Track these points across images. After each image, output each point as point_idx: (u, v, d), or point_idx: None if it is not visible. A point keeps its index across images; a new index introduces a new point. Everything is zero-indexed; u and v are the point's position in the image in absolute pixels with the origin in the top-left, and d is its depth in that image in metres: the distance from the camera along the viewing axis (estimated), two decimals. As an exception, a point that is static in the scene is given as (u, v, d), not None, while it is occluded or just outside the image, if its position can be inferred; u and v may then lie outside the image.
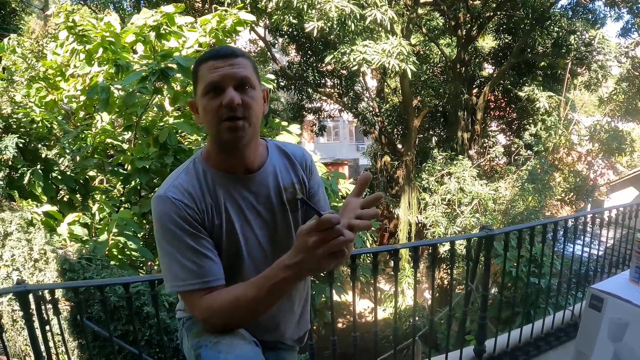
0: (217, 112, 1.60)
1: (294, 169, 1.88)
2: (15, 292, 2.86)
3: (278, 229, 1.81)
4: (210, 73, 1.61)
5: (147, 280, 2.98)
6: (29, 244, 6.05)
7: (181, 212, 1.61)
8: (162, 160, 6.77)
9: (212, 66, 1.62)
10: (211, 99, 1.61)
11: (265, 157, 1.83)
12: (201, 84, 1.64)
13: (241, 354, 1.52)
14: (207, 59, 1.65)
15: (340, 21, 11.38)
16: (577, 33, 16.13)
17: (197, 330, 1.69)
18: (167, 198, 1.63)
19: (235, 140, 1.64)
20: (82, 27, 7.19)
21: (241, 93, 1.62)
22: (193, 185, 1.68)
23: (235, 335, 1.62)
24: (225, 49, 1.67)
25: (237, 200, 1.74)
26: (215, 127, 1.63)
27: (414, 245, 3.67)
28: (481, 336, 4.02)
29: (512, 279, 6.96)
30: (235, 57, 1.65)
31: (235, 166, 1.74)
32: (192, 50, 7.56)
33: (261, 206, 1.78)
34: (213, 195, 1.70)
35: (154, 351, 5.73)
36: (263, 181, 1.79)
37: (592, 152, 15.96)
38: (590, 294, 2.35)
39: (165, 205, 1.63)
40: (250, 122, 1.65)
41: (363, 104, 19.87)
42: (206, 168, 1.74)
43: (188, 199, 1.64)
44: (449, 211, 14.30)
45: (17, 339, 6.36)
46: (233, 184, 1.74)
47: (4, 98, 7.15)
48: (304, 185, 1.90)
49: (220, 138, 1.65)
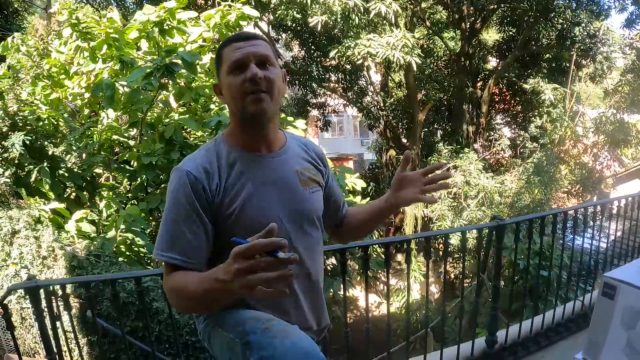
0: (241, 87, 1.66)
1: (310, 157, 1.95)
2: (26, 288, 2.86)
3: (295, 206, 1.82)
4: (233, 53, 1.69)
5: (159, 274, 2.96)
6: (37, 242, 6.06)
7: (191, 186, 1.65)
8: (168, 156, 6.78)
9: (234, 47, 1.70)
10: (235, 76, 1.68)
11: (284, 141, 1.89)
12: (225, 64, 1.71)
13: (295, 339, 1.51)
14: (230, 42, 1.74)
15: (344, 15, 11.36)
16: (581, 25, 16.01)
17: (233, 321, 1.68)
18: (182, 170, 1.68)
19: (260, 112, 1.69)
20: (86, 25, 7.19)
21: (263, 69, 1.68)
22: (210, 162, 1.72)
23: (281, 321, 1.63)
24: (246, 33, 1.77)
25: (257, 177, 1.76)
26: (240, 101, 1.69)
27: (426, 235, 3.65)
28: (493, 327, 4.01)
29: (520, 271, 6.95)
30: (256, 39, 1.73)
31: (257, 145, 1.79)
32: (196, 46, 7.55)
33: (280, 184, 1.80)
34: (231, 172, 1.73)
35: (163, 347, 5.74)
36: (283, 161, 1.83)
37: (597, 144, 15.91)
38: (603, 282, 2.32)
39: (178, 177, 1.68)
40: (272, 96, 1.70)
41: (367, 98, 19.83)
42: (228, 147, 1.78)
43: (201, 174, 1.67)
44: (455, 204, 14.25)
45: (26, 336, 6.38)
46: (253, 162, 1.78)
47: (10, 96, 7.16)
48: (320, 174, 1.96)
49: (245, 112, 1.70)
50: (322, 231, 1.96)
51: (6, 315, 3.00)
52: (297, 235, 1.81)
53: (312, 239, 1.88)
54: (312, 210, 1.87)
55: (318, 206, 1.92)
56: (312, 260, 1.89)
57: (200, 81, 7.53)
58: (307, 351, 1.47)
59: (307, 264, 1.86)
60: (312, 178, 1.90)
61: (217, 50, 1.79)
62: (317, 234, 1.91)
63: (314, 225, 1.89)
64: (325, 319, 2.03)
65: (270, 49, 1.76)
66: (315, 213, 1.89)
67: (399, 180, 1.82)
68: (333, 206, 2.10)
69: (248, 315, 1.69)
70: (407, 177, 1.82)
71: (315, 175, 1.92)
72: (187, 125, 7.22)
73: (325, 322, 2.03)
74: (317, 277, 1.93)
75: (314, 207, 1.89)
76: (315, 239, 1.90)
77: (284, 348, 1.46)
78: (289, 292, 1.42)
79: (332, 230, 2.21)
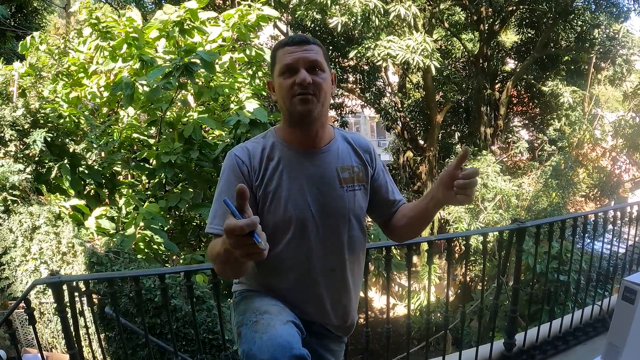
0: (291, 89, 1.81)
1: (356, 154, 2.04)
2: (49, 283, 2.89)
3: (328, 202, 1.92)
4: (286, 57, 1.83)
5: (182, 271, 2.99)
6: (57, 238, 6.11)
7: (237, 164, 1.86)
8: (187, 154, 6.82)
9: (287, 51, 1.84)
10: (286, 78, 1.82)
11: (331, 139, 2.01)
12: (277, 66, 1.86)
13: (274, 333, 1.64)
14: (284, 45, 1.88)
15: (364, 16, 11.36)
16: (600, 27, 15.88)
17: (242, 308, 1.85)
18: (231, 154, 1.91)
19: (306, 112, 1.82)
20: (106, 24, 7.24)
21: (312, 74, 1.82)
22: (255, 148, 1.91)
23: (276, 316, 1.75)
24: (300, 37, 1.89)
25: (295, 169, 1.90)
26: (288, 101, 1.83)
27: (448, 237, 3.68)
28: (511, 330, 4.00)
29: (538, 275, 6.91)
30: (308, 44, 1.86)
31: (302, 141, 1.93)
32: (216, 45, 7.57)
33: (316, 179, 1.92)
34: (271, 163, 1.89)
35: (180, 344, 5.78)
36: (324, 158, 1.95)
37: (616, 147, 15.77)
38: (624, 286, 2.30)
39: (227, 158, 1.90)
40: (319, 99, 1.84)
41: (385, 99, 19.78)
42: (275, 139, 1.95)
43: (246, 156, 1.88)
44: (471, 207, 14.18)
45: (44, 331, 6.43)
46: (296, 155, 1.92)
47: (32, 93, 7.22)
48: (368, 169, 2.05)
49: (293, 112, 1.84)
50: (362, 231, 2.02)
51: (28, 310, 3.03)
52: (328, 230, 1.91)
53: (343, 237, 1.94)
54: (347, 208, 1.94)
55: (356, 205, 1.98)
56: (340, 258, 1.95)
57: (218, 80, 7.56)
58: (282, 345, 1.58)
59: (332, 259, 1.94)
60: (353, 176, 1.98)
61: (272, 50, 1.94)
62: (352, 232, 1.97)
63: (349, 223, 1.95)
64: (352, 318, 2.08)
65: (322, 53, 1.89)
66: (351, 211, 1.96)
67: (450, 176, 1.76)
68: (381, 200, 2.13)
69: (254, 305, 1.86)
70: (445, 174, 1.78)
71: (357, 173, 2.00)
72: (206, 124, 7.26)
73: (351, 321, 2.08)
74: (345, 274, 1.98)
75: (351, 206, 1.96)
76: (349, 237, 1.96)
77: (261, 343, 1.61)
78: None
79: (382, 226, 2.23)
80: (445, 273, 17.42)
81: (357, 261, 2.04)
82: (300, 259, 1.89)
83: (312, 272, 1.91)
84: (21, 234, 6.21)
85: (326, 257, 1.92)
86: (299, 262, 1.89)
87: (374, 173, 2.08)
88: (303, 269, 1.90)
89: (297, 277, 1.91)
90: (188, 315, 5.71)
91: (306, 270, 1.91)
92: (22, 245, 6.20)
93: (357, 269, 2.05)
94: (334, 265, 1.94)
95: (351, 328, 2.12)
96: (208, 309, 5.86)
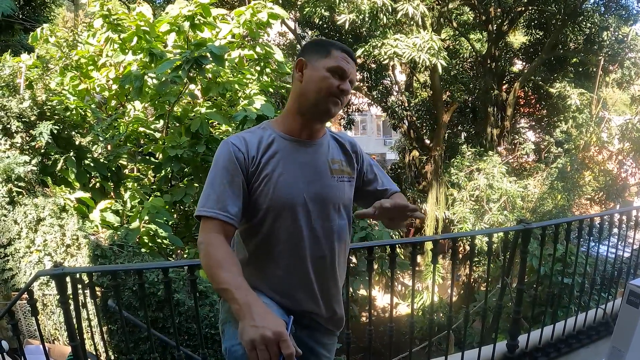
0: (331, 89, 1.94)
1: (343, 150, 2.17)
2: (52, 275, 2.88)
3: (321, 189, 2.01)
4: (342, 61, 1.97)
5: (186, 265, 2.98)
6: (62, 230, 6.12)
7: (232, 152, 1.91)
8: (193, 149, 6.81)
9: (344, 57, 1.99)
10: (334, 77, 1.95)
11: (323, 135, 2.13)
12: (331, 62, 1.97)
13: None
14: (342, 49, 2.02)
15: (372, 14, 11.35)
16: (609, 29, 15.81)
17: (228, 305, 1.84)
18: (227, 141, 1.96)
19: (333, 113, 1.99)
20: (117, 17, 7.25)
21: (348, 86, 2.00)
22: (252, 137, 1.98)
23: None
24: (353, 53, 2.07)
25: (289, 158, 1.98)
26: (323, 96, 1.95)
27: (454, 236, 3.65)
28: (514, 331, 4.00)
29: (542, 277, 6.88)
30: (355, 62, 2.06)
31: (300, 132, 2.04)
32: (226, 42, 7.58)
33: (310, 168, 2.02)
34: (268, 150, 1.97)
35: (182, 338, 5.78)
36: (317, 149, 2.07)
37: (622, 151, 15.71)
38: (628, 290, 2.30)
39: (223, 146, 1.96)
40: (342, 106, 2.04)
41: (392, 98, 19.77)
42: (272, 130, 2.04)
43: (242, 145, 1.94)
44: (476, 207, 14.17)
45: (46, 322, 6.45)
46: (290, 145, 2.01)
47: (39, 85, 7.23)
48: (354, 165, 2.18)
49: (321, 106, 1.97)
50: (348, 221, 2.11)
51: (31, 301, 3.03)
52: (319, 216, 1.98)
53: (333, 225, 2.02)
54: (337, 197, 2.05)
55: (345, 195, 2.09)
56: (330, 245, 2.01)
57: (226, 77, 7.56)
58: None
59: (323, 246, 2.00)
60: (343, 169, 2.11)
61: (327, 44, 2.04)
62: (341, 221, 2.06)
63: (339, 212, 2.05)
64: (340, 310, 2.14)
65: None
66: (341, 200, 2.07)
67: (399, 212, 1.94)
68: (374, 190, 2.26)
69: None
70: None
71: (346, 167, 2.13)
72: (213, 119, 7.25)
73: (340, 313, 2.14)
74: (334, 263, 2.05)
75: (340, 195, 2.06)
76: (338, 226, 2.04)
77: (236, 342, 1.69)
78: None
79: None
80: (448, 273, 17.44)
81: (343, 252, 2.10)
82: (291, 244, 1.94)
83: (303, 258, 1.96)
84: (26, 225, 6.22)
85: (316, 245, 1.97)
86: (289, 247, 1.94)
87: (362, 168, 2.23)
88: (294, 255, 1.95)
89: (287, 263, 1.95)
90: (191, 309, 5.71)
91: (297, 256, 1.95)
92: (26, 236, 6.22)
93: (342, 261, 2.12)
94: (324, 253, 1.99)
95: (341, 321, 2.16)
96: (211, 304, 5.86)
